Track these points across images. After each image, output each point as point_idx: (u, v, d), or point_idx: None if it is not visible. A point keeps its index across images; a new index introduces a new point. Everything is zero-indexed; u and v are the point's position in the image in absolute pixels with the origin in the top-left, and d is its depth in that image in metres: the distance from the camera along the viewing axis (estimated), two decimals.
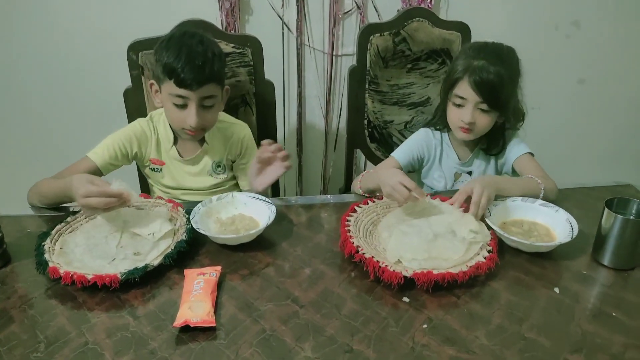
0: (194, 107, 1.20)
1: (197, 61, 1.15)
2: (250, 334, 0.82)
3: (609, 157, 2.37)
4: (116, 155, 1.28)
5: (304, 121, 2.04)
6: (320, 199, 1.27)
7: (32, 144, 1.99)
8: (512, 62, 1.23)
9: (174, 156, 1.34)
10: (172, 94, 1.19)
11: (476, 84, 1.20)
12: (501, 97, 1.21)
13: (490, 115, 1.25)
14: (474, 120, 1.24)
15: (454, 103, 1.28)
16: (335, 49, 1.92)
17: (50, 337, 0.81)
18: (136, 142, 1.31)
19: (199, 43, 1.18)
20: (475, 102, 1.23)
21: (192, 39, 1.19)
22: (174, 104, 1.21)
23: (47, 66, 1.83)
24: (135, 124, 1.33)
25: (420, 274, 0.90)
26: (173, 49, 1.16)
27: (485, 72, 1.19)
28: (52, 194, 1.14)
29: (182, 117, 1.21)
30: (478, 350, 0.79)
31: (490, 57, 1.21)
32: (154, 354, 0.78)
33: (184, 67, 1.14)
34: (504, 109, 1.25)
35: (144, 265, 0.93)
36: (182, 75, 1.15)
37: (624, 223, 0.95)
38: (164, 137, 1.33)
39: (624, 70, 2.19)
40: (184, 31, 1.23)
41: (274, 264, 1.00)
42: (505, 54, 1.24)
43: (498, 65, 1.19)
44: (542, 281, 0.95)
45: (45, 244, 0.99)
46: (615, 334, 0.82)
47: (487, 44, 1.27)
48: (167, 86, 1.19)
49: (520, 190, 1.17)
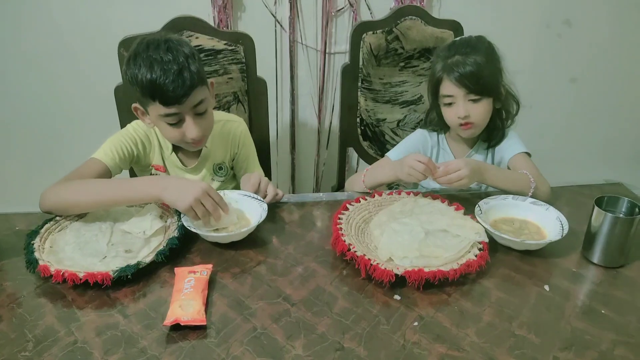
0: (190, 119, 1.13)
1: (173, 72, 1.06)
2: (241, 332, 0.82)
3: (599, 155, 2.39)
4: (124, 157, 1.21)
5: (296, 119, 2.04)
6: (312, 197, 1.27)
7: (21, 141, 1.97)
8: (483, 47, 1.25)
9: (176, 164, 1.29)
10: (162, 114, 1.11)
11: (457, 79, 1.22)
12: (485, 82, 1.23)
13: (483, 104, 1.25)
14: (469, 113, 1.25)
15: (444, 103, 1.29)
16: (328, 47, 1.91)
17: (38, 336, 0.80)
18: (140, 145, 1.25)
19: (167, 51, 1.08)
20: (463, 95, 1.24)
21: (157, 50, 1.08)
22: (168, 124, 1.13)
23: (37, 63, 1.82)
24: (136, 127, 1.26)
25: (411, 272, 0.90)
26: (144, 68, 1.07)
27: (461, 65, 1.22)
28: (98, 200, 1.06)
29: (181, 133, 1.15)
30: (468, 347, 0.79)
31: (462, 50, 1.24)
32: (144, 352, 0.77)
33: (163, 83, 1.05)
34: (495, 93, 1.26)
35: (136, 263, 0.92)
36: (166, 94, 1.07)
37: (613, 221, 0.96)
38: (164, 143, 1.28)
39: (616, 69, 2.21)
40: (145, 43, 1.10)
41: (265, 262, 1.00)
42: (474, 42, 1.26)
43: (471, 55, 1.22)
44: (533, 279, 0.96)
45: (34, 242, 0.98)
46: (605, 331, 0.83)
47: (455, 41, 1.30)
48: (154, 108, 1.11)
49: (508, 183, 1.18)
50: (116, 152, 1.19)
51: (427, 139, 1.41)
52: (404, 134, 1.72)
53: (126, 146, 1.22)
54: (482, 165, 1.18)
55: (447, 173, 1.10)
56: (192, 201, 0.99)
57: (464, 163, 1.10)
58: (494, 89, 1.26)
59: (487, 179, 1.17)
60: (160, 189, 1.02)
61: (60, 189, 1.08)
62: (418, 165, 1.10)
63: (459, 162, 1.11)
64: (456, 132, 1.34)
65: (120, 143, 1.21)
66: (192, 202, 0.99)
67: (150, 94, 1.08)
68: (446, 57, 1.26)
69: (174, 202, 1.01)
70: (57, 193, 1.07)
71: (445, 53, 1.27)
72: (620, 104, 2.30)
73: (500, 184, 1.19)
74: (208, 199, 1.01)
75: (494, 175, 1.18)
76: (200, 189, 1.00)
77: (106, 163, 1.16)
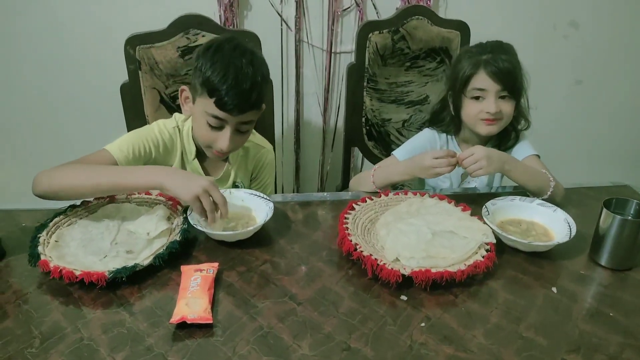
0: (229, 131, 1.12)
1: (244, 85, 1.06)
2: (247, 331, 0.81)
3: (605, 157, 2.38)
4: (139, 156, 1.15)
5: (301, 118, 2.04)
6: (317, 197, 1.27)
7: (27, 138, 1.97)
8: (514, 53, 1.28)
9: (198, 170, 1.26)
10: (209, 113, 1.10)
11: (494, 73, 1.24)
12: (517, 83, 1.25)
13: (511, 103, 1.27)
14: (500, 109, 1.25)
15: (472, 97, 1.28)
16: (334, 46, 1.91)
17: (45, 333, 0.80)
18: (162, 147, 1.20)
19: (249, 64, 1.08)
20: (496, 90, 1.25)
21: (242, 58, 1.08)
22: (208, 123, 1.12)
23: (43, 60, 1.82)
24: (163, 128, 1.22)
25: (418, 273, 0.90)
26: (219, 65, 1.06)
27: (499, 61, 1.24)
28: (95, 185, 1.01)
29: (214, 138, 1.13)
30: (476, 349, 0.79)
31: (496, 50, 1.26)
32: (150, 350, 0.77)
33: (228, 90, 1.05)
34: (519, 97, 1.29)
35: (133, 265, 0.91)
36: (226, 98, 1.06)
37: (622, 223, 0.95)
38: (187, 148, 1.24)
39: (622, 71, 2.20)
40: (234, 44, 1.10)
41: (271, 261, 1.00)
42: (507, 46, 1.29)
43: (506, 55, 1.24)
44: (540, 281, 0.95)
45: (40, 236, 0.98)
46: (613, 334, 0.83)
47: (484, 42, 1.31)
48: (204, 102, 1.10)
49: (528, 177, 1.19)
50: (131, 149, 1.14)
51: (436, 138, 1.40)
52: (410, 134, 1.71)
53: (144, 146, 1.17)
54: (504, 155, 1.19)
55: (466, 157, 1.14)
56: (199, 191, 0.96)
57: (484, 150, 1.13)
58: (521, 92, 1.28)
59: (507, 169, 1.17)
60: (163, 175, 0.99)
61: (56, 171, 1.03)
62: (441, 162, 1.13)
63: (479, 149, 1.14)
64: (473, 129, 1.32)
65: (139, 141, 1.16)
66: (200, 191, 0.96)
67: (210, 90, 1.07)
68: (479, 53, 1.27)
69: (177, 189, 0.97)
70: (52, 175, 1.02)
71: (477, 50, 1.29)
72: (625, 106, 2.29)
73: (520, 177, 1.19)
74: (216, 193, 0.99)
75: (514, 166, 1.18)
76: (208, 180, 0.99)
77: (116, 158, 1.11)
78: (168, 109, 1.50)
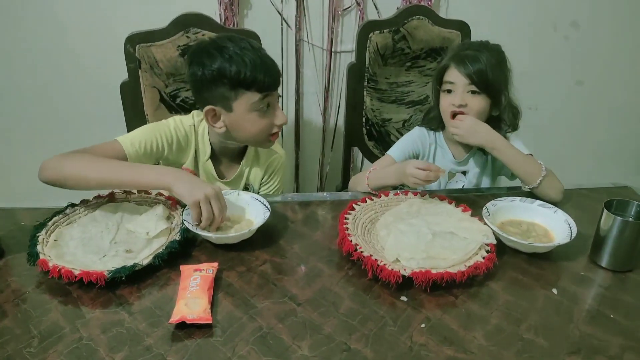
0: (276, 106, 1.17)
1: (267, 58, 1.13)
2: (246, 331, 0.81)
3: (606, 158, 2.38)
4: (150, 152, 1.14)
5: (301, 118, 2.03)
6: (317, 197, 1.27)
7: (27, 137, 1.96)
8: (495, 51, 1.28)
9: (211, 173, 1.26)
10: (256, 102, 1.12)
11: (463, 66, 1.25)
12: (488, 79, 1.24)
13: (480, 99, 1.26)
14: (465, 103, 1.26)
15: (444, 90, 1.30)
16: (334, 46, 1.91)
17: (44, 332, 0.79)
18: (175, 145, 1.19)
19: (250, 44, 1.13)
20: (464, 84, 1.25)
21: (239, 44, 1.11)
22: (258, 113, 1.14)
23: (43, 58, 1.81)
24: (179, 125, 1.21)
25: (418, 273, 0.89)
26: (236, 58, 1.09)
27: (470, 57, 1.25)
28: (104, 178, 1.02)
29: (269, 122, 1.17)
30: (476, 350, 0.79)
31: (475, 47, 1.28)
32: (149, 350, 0.77)
33: (261, 68, 1.10)
34: (494, 95, 1.27)
35: (132, 265, 0.91)
36: (264, 77, 1.10)
37: (623, 225, 0.95)
38: (202, 149, 1.24)
39: (623, 72, 2.20)
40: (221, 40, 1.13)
41: (271, 261, 0.99)
42: (489, 45, 1.30)
43: (483, 52, 1.25)
44: (540, 282, 0.95)
45: (40, 235, 0.98)
46: (613, 336, 0.82)
47: (471, 40, 1.36)
48: (245, 99, 1.12)
49: (517, 164, 1.22)
50: (143, 145, 1.13)
51: (426, 136, 1.41)
52: None
53: (157, 142, 1.16)
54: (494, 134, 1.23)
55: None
56: (202, 197, 0.98)
57: (471, 121, 1.23)
58: (494, 90, 1.26)
59: (492, 147, 1.23)
60: (172, 178, 1.01)
61: (66, 158, 1.02)
62: (419, 173, 1.13)
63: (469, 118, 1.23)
64: (447, 125, 1.32)
65: (153, 137, 1.15)
66: (202, 198, 0.98)
67: (247, 82, 1.10)
68: (459, 49, 1.30)
69: (184, 194, 0.99)
70: (62, 162, 1.02)
71: (459, 47, 1.32)
72: (626, 107, 2.28)
73: (508, 160, 1.22)
74: (216, 204, 1.00)
75: (503, 148, 1.23)
76: (213, 190, 1.00)
77: (127, 152, 1.10)
78: (168, 108, 1.50)
